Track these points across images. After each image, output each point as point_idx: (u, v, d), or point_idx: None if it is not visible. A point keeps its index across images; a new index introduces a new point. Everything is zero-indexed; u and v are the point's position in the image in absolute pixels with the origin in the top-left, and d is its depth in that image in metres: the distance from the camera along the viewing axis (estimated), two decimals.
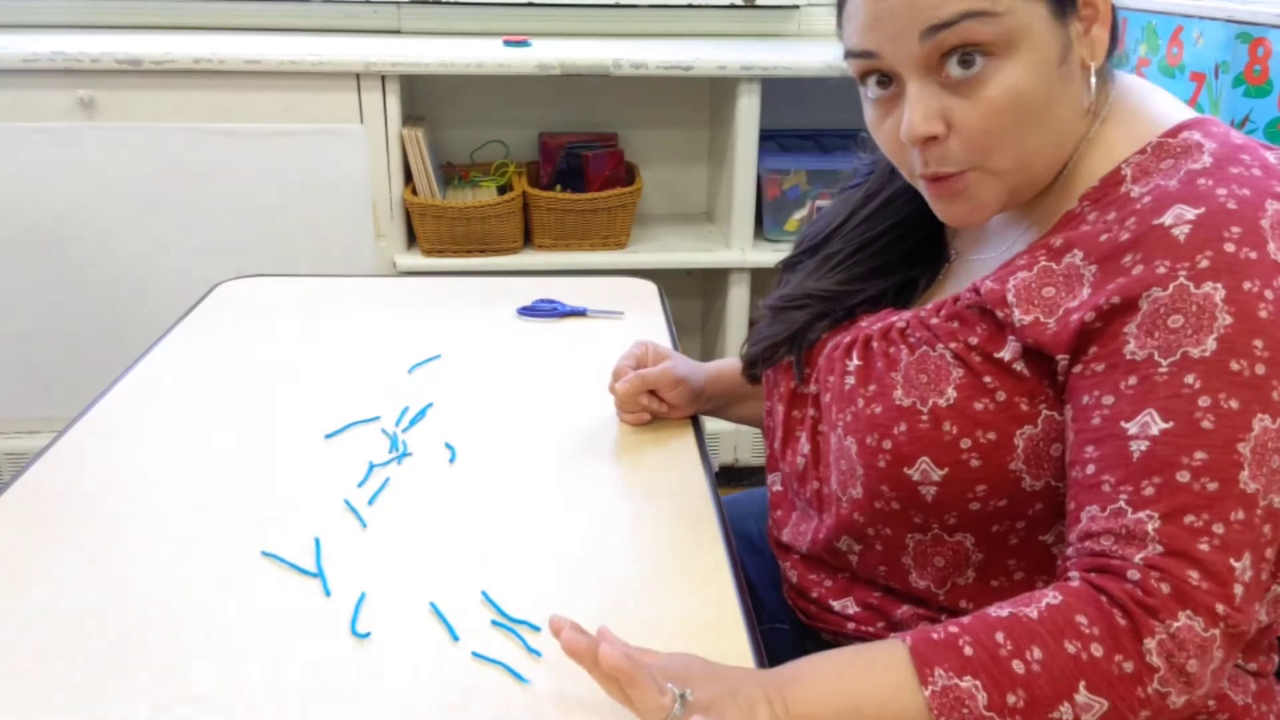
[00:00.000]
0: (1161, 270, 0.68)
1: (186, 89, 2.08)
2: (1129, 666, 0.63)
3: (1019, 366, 0.75)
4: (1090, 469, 0.69)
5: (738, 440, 2.43)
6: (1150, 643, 0.63)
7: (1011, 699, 0.63)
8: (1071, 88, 0.75)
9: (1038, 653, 0.64)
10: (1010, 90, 0.72)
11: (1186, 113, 0.77)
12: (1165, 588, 0.63)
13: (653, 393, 1.09)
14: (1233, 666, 0.78)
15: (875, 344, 0.84)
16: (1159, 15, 1.74)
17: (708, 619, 0.81)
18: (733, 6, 2.54)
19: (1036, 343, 0.73)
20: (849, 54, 0.77)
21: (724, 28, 2.56)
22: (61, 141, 2.09)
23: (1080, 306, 0.71)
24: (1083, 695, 0.63)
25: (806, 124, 2.49)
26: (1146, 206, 0.70)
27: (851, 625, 0.88)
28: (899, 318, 0.85)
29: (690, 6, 2.53)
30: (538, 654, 0.77)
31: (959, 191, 0.77)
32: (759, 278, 2.33)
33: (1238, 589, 0.64)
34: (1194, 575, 0.63)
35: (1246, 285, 0.66)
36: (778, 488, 0.97)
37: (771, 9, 2.55)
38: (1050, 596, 0.66)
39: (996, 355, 0.76)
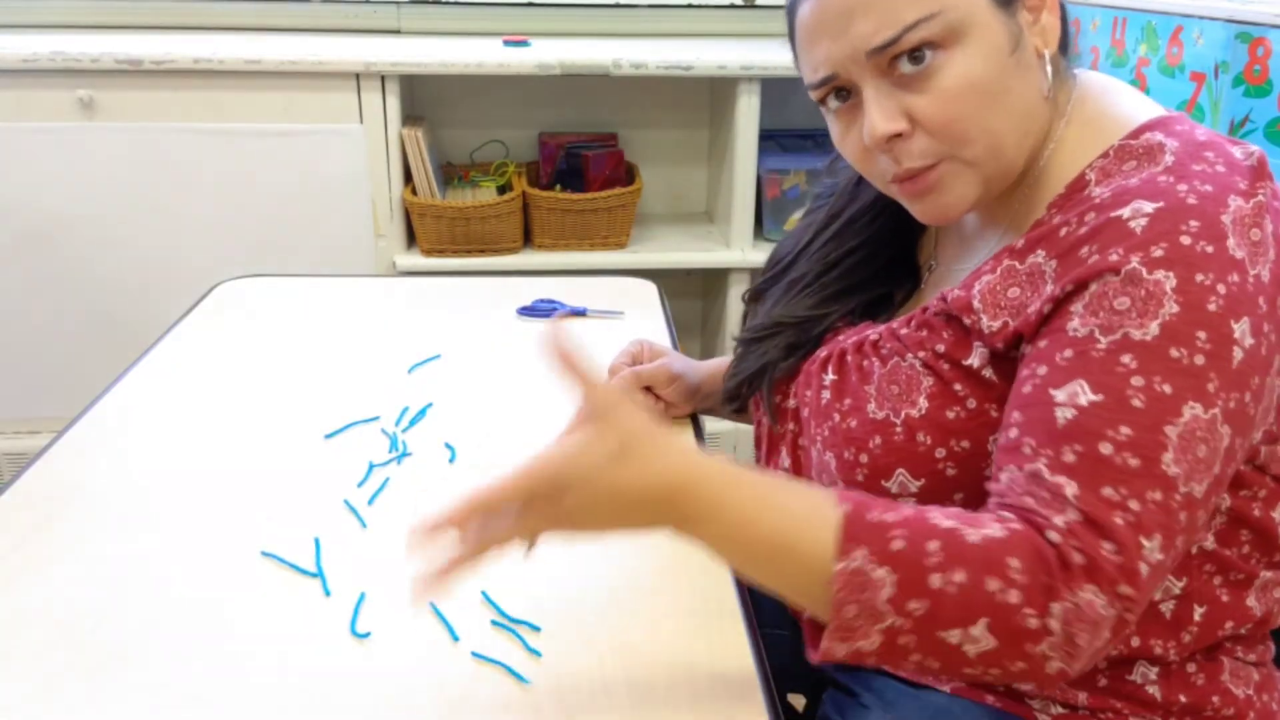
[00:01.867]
0: (1115, 257, 0.68)
1: (186, 89, 2.08)
2: (1033, 623, 0.62)
3: (988, 373, 0.75)
4: (1013, 432, 0.69)
5: (738, 440, 2.43)
6: (1057, 606, 0.62)
7: (913, 605, 0.63)
8: (1029, 74, 0.77)
9: (960, 576, 0.63)
10: (963, 78, 0.73)
11: (1151, 111, 0.77)
12: (1078, 557, 0.63)
13: (650, 390, 1.09)
14: (1232, 660, 0.79)
15: (850, 357, 0.84)
16: (1159, 15, 1.74)
17: (707, 619, 0.81)
18: (733, 6, 2.54)
19: (1006, 344, 0.74)
20: (810, 87, 0.79)
21: (724, 28, 2.56)
22: (61, 141, 2.09)
23: (1042, 301, 0.72)
24: (978, 629, 0.63)
25: (806, 124, 2.49)
26: (1106, 201, 0.71)
27: None
28: (873, 330, 0.85)
29: (690, 6, 2.53)
30: (538, 654, 0.77)
31: (932, 186, 0.77)
32: (759, 278, 2.33)
33: (1143, 568, 0.63)
34: (1107, 547, 0.63)
35: (1199, 278, 0.66)
36: None
37: (771, 9, 2.55)
38: (994, 528, 0.64)
39: (965, 362, 0.76)
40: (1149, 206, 0.68)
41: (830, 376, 0.85)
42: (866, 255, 0.92)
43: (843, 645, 0.65)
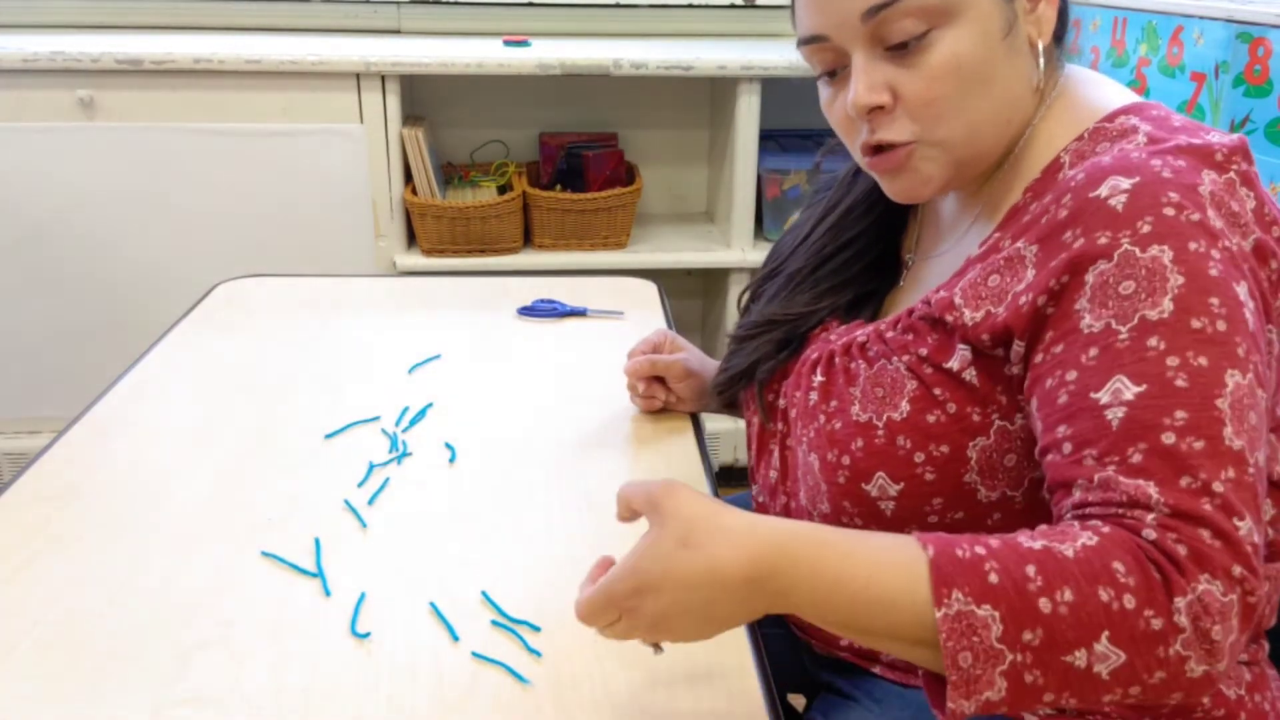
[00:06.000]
0: (1103, 241, 0.67)
1: (186, 89, 2.08)
2: (1157, 624, 0.58)
3: (969, 375, 0.74)
4: (1068, 447, 0.65)
5: (738, 440, 2.43)
6: (1180, 602, 0.58)
7: (1028, 635, 0.59)
8: (1018, 62, 0.77)
9: (1068, 594, 0.59)
10: (952, 58, 0.74)
11: (1129, 99, 0.78)
12: (1182, 549, 0.59)
13: (663, 382, 1.11)
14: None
15: (838, 359, 0.84)
16: (1159, 15, 1.74)
17: None
18: (733, 6, 2.54)
19: (992, 335, 0.72)
20: (801, 42, 0.79)
21: (724, 28, 2.56)
22: (61, 141, 2.09)
23: (1027, 288, 0.70)
24: (1103, 645, 0.58)
25: (806, 124, 2.49)
26: (1081, 182, 0.70)
27: (845, 640, 0.88)
28: (862, 332, 0.85)
29: (690, 6, 2.53)
30: (538, 654, 0.77)
31: (901, 165, 0.78)
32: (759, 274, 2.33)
33: (1248, 548, 0.60)
34: (1205, 534, 0.59)
35: (1192, 245, 0.65)
36: (762, 498, 0.97)
37: (771, 9, 2.55)
38: (1085, 536, 0.61)
39: (945, 365, 0.75)
40: (1126, 183, 0.67)
41: (819, 378, 0.85)
42: (861, 248, 0.92)
43: (969, 702, 0.60)
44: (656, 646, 0.69)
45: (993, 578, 0.60)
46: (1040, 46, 0.77)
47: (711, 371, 1.11)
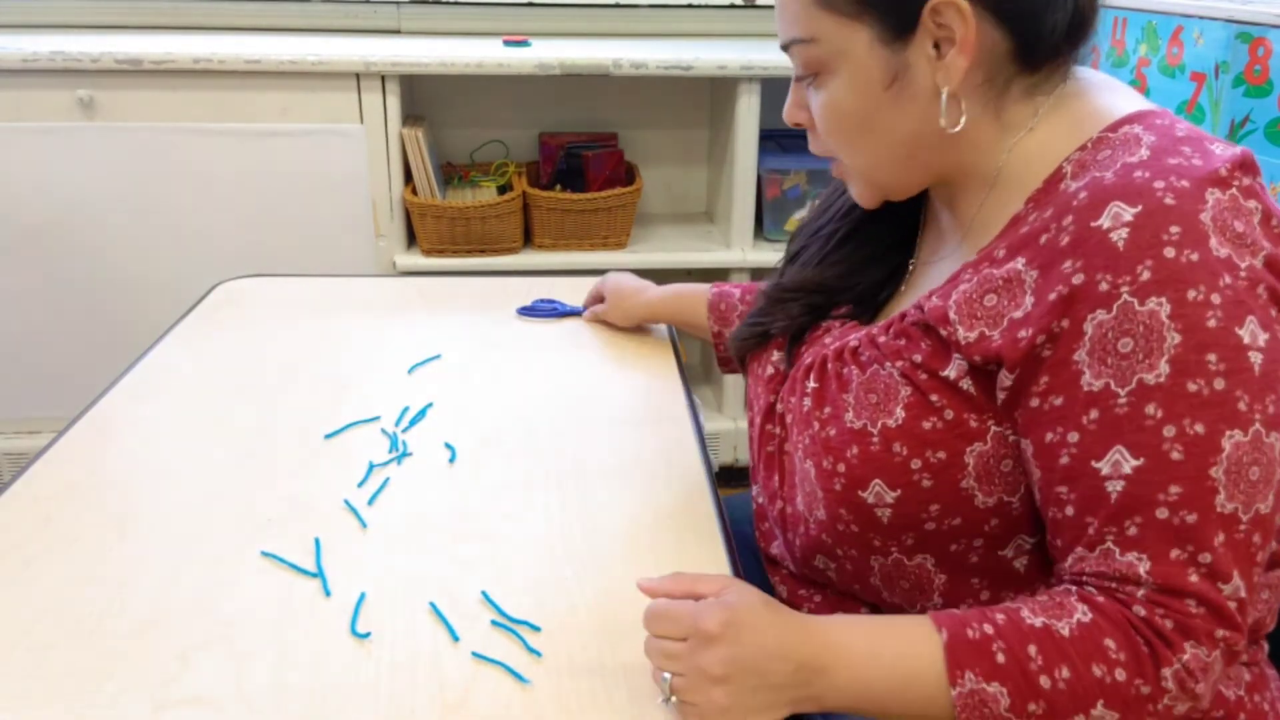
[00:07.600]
0: (1104, 287, 0.67)
1: (186, 89, 2.08)
2: (1146, 690, 0.66)
3: (965, 384, 0.75)
4: (1070, 510, 0.70)
5: (738, 440, 2.43)
6: (1167, 671, 0.66)
7: (1032, 707, 0.67)
8: (909, 108, 0.77)
9: (1065, 672, 0.66)
10: (829, 105, 0.80)
11: (1136, 105, 0.76)
12: (1168, 624, 0.66)
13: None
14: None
15: (830, 365, 0.84)
16: (1159, 15, 1.74)
17: None
18: (733, 6, 2.54)
19: (984, 358, 0.73)
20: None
21: (724, 28, 2.56)
22: (61, 141, 2.09)
23: (1025, 320, 0.71)
24: (1099, 710, 0.67)
25: None
26: (1083, 203, 0.69)
27: None
28: (854, 336, 0.85)
29: (690, 6, 2.53)
30: (538, 654, 0.77)
31: (842, 174, 0.87)
32: (759, 278, 2.32)
33: (1231, 605, 0.66)
34: (1191, 605, 0.66)
35: (1191, 294, 0.65)
36: (762, 500, 0.96)
37: (771, 9, 2.55)
38: (1080, 613, 0.68)
39: (942, 374, 0.75)
40: (1128, 213, 0.67)
41: (812, 384, 0.85)
42: (885, 223, 0.91)
43: None
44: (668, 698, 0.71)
45: (1000, 658, 0.68)
46: (945, 94, 0.75)
47: (641, 291, 1.31)
